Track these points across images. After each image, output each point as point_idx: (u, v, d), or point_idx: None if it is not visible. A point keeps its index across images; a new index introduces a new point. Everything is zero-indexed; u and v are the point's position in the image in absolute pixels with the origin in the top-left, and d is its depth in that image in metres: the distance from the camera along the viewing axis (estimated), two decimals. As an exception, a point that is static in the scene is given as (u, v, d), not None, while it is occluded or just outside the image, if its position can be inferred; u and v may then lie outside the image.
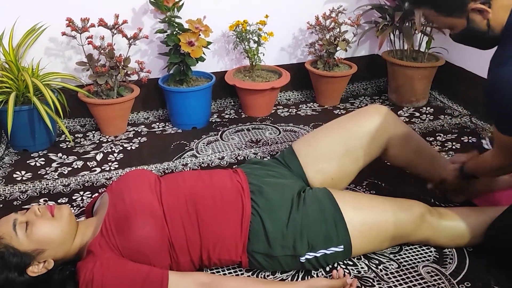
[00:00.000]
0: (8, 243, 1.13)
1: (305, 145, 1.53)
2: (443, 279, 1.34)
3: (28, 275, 1.14)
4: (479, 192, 1.59)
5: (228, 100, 2.57)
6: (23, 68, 2.01)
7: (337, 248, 1.32)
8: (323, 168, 1.49)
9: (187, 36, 2.12)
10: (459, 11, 1.16)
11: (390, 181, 1.78)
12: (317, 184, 1.48)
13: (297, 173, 1.49)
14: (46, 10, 2.10)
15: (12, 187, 1.81)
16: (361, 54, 2.79)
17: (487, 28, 1.16)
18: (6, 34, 2.04)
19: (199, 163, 1.98)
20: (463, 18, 1.17)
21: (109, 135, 2.23)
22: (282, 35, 2.54)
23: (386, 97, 2.69)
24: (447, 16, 1.19)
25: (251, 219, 1.30)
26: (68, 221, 1.23)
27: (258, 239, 1.30)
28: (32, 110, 1.97)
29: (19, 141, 2.06)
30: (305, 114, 2.47)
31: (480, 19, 1.16)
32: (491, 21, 1.15)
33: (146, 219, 1.22)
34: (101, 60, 2.13)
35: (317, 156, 1.50)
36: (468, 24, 1.18)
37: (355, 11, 2.57)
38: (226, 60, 2.52)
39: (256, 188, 1.36)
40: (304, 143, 1.54)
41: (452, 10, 1.16)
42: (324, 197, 1.36)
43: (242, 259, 1.32)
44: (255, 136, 2.22)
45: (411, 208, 1.39)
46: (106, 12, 2.10)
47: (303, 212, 1.32)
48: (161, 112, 2.45)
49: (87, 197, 1.75)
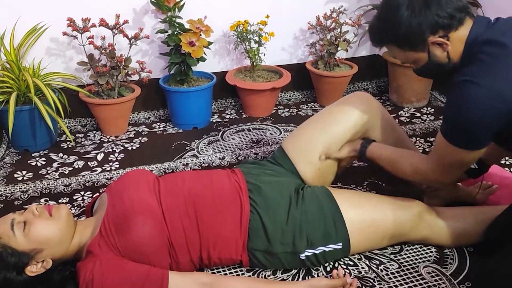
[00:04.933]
0: (6, 242, 1.13)
1: (292, 141, 1.54)
2: (444, 279, 1.34)
3: (27, 275, 1.14)
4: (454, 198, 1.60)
5: (229, 100, 2.57)
6: (24, 68, 2.01)
7: (335, 245, 1.32)
8: (310, 160, 1.49)
9: (188, 36, 2.12)
10: (420, 45, 1.21)
11: (390, 181, 1.77)
12: (309, 177, 1.48)
13: (290, 170, 1.49)
14: (47, 10, 2.10)
15: (13, 187, 1.81)
16: (362, 54, 2.78)
17: (447, 60, 1.22)
18: (7, 34, 2.04)
19: (199, 163, 1.98)
20: (424, 52, 1.22)
21: (110, 135, 2.23)
22: (283, 35, 2.54)
23: (386, 97, 2.69)
24: (409, 50, 1.23)
25: (250, 217, 1.31)
26: (66, 220, 1.23)
27: (258, 237, 1.30)
28: (33, 110, 1.97)
29: (20, 141, 2.06)
30: (306, 114, 2.47)
31: (441, 51, 1.21)
32: (450, 53, 1.20)
33: (145, 219, 1.22)
34: (102, 60, 2.13)
35: (304, 149, 1.50)
36: (430, 58, 1.23)
37: (356, 11, 2.57)
38: (227, 60, 2.52)
39: (254, 186, 1.36)
40: (291, 139, 1.55)
41: (413, 45, 1.21)
42: (323, 195, 1.37)
43: (243, 258, 1.32)
44: (256, 136, 2.22)
45: (410, 206, 1.39)
46: (107, 12, 2.10)
47: (302, 209, 1.33)
48: (162, 112, 2.45)
49: (88, 197, 1.75)
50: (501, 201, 1.53)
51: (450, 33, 1.18)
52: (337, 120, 1.50)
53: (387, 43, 1.28)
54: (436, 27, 1.17)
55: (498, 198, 1.56)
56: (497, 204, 1.51)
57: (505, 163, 1.95)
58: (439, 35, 1.18)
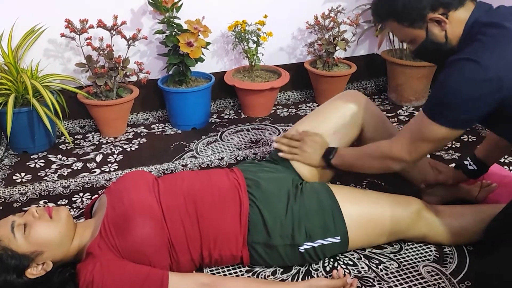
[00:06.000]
0: (6, 245, 1.13)
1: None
2: (444, 278, 1.34)
3: (27, 277, 1.14)
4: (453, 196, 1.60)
5: (227, 101, 2.57)
6: (22, 70, 2.01)
7: (334, 239, 1.33)
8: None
9: (186, 36, 2.12)
10: (418, 21, 1.22)
11: (389, 181, 1.78)
12: (306, 174, 1.51)
13: (288, 168, 1.51)
14: (45, 11, 2.10)
15: (12, 189, 1.81)
16: (360, 53, 2.78)
17: (445, 40, 1.22)
18: (5, 35, 2.04)
19: (198, 163, 1.98)
20: (423, 29, 1.23)
21: (108, 136, 2.23)
22: (281, 35, 2.54)
23: (385, 96, 2.69)
24: (409, 26, 1.24)
25: (249, 210, 1.32)
26: (66, 222, 1.23)
27: (257, 230, 1.31)
28: (32, 112, 1.97)
29: (19, 143, 2.06)
30: (304, 114, 2.47)
31: (439, 30, 1.21)
32: (448, 33, 1.21)
33: (145, 220, 1.22)
34: (100, 61, 2.13)
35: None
36: (427, 36, 1.23)
37: (354, 10, 2.57)
38: (225, 61, 2.52)
39: (252, 182, 1.38)
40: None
41: (412, 20, 1.22)
42: (322, 190, 1.38)
43: (243, 254, 1.32)
44: (255, 137, 2.22)
45: (408, 204, 1.40)
46: (105, 13, 2.10)
47: (300, 203, 1.34)
48: (160, 113, 2.45)
49: (87, 198, 1.75)
50: (500, 199, 1.53)
51: (449, 12, 1.19)
52: (326, 115, 1.56)
53: (387, 18, 1.28)
54: (436, 4, 1.18)
55: (497, 197, 1.56)
56: (496, 202, 1.51)
57: (504, 161, 1.95)
58: (439, 13, 1.19)
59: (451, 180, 1.56)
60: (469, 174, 1.53)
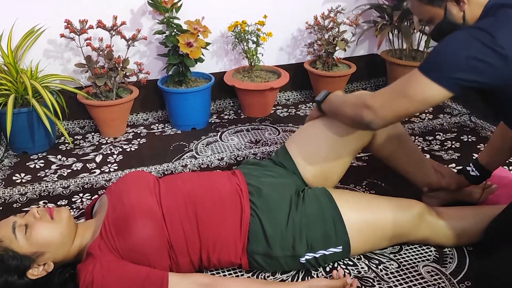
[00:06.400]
0: (8, 246, 1.13)
1: (295, 140, 1.52)
2: (443, 278, 1.34)
3: (28, 278, 1.14)
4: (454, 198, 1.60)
5: (227, 101, 2.57)
6: (21, 70, 2.01)
7: (336, 248, 1.32)
8: (313, 159, 1.47)
9: (185, 37, 2.12)
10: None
11: (390, 181, 1.78)
12: (311, 178, 1.47)
13: (292, 171, 1.48)
14: (45, 12, 2.10)
15: (12, 189, 1.81)
16: (360, 53, 2.79)
17: (462, 21, 1.21)
18: (5, 36, 2.04)
19: (198, 164, 1.98)
20: (441, 7, 1.22)
21: (108, 137, 2.23)
22: (281, 35, 2.54)
23: (385, 96, 2.69)
24: (428, 4, 1.23)
25: (250, 220, 1.30)
26: (67, 223, 1.23)
27: (258, 240, 1.30)
28: (31, 112, 1.97)
29: (19, 143, 2.06)
30: (304, 114, 2.47)
31: (457, 10, 1.21)
32: (466, 14, 1.20)
33: (145, 221, 1.22)
34: (100, 61, 2.13)
35: (307, 149, 1.48)
36: (445, 16, 1.22)
37: (353, 10, 2.57)
38: (225, 61, 2.52)
39: (254, 189, 1.36)
40: (294, 139, 1.53)
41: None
42: (323, 197, 1.36)
43: (242, 261, 1.32)
44: (255, 137, 2.22)
45: (410, 207, 1.39)
46: (104, 14, 2.10)
47: (302, 212, 1.32)
48: (160, 113, 2.45)
49: (86, 199, 1.75)
50: (500, 200, 1.53)
51: None
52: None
53: None
54: None
55: (497, 198, 1.57)
56: (496, 203, 1.51)
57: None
58: None
59: (454, 185, 1.55)
60: (472, 180, 1.53)
